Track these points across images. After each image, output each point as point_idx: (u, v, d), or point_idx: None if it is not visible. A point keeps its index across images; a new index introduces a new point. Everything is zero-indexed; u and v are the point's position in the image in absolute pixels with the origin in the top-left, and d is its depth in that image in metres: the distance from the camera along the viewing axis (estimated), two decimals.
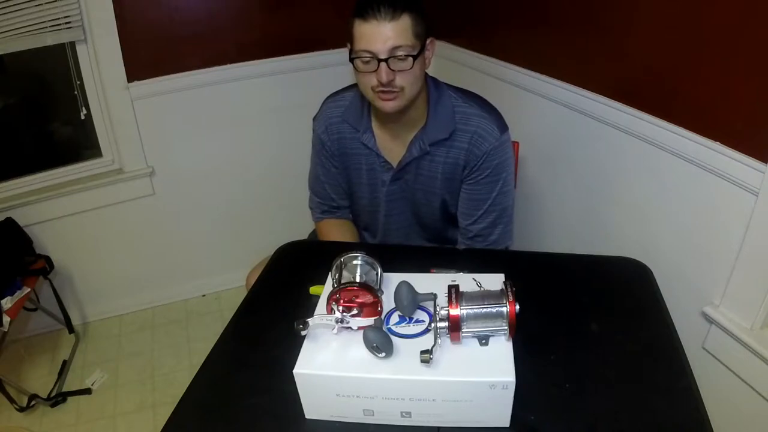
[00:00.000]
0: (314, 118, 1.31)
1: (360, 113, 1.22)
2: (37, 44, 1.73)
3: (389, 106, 1.09)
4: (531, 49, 1.61)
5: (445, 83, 1.21)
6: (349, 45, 1.10)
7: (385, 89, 1.06)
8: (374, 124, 1.22)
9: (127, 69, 1.86)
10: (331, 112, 1.27)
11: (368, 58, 1.04)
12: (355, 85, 1.25)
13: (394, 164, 1.22)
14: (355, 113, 1.23)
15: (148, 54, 1.88)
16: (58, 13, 1.72)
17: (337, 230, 1.36)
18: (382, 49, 1.03)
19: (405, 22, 1.03)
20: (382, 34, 1.02)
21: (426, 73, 1.15)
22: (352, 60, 1.08)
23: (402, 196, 1.27)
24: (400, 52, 1.03)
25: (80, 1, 1.73)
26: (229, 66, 1.98)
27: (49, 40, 1.74)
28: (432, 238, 1.38)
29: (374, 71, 1.05)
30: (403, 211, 1.30)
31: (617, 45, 1.31)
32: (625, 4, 1.26)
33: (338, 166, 1.30)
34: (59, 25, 1.74)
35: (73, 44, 1.81)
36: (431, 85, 1.18)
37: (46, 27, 1.72)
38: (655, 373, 0.84)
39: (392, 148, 1.22)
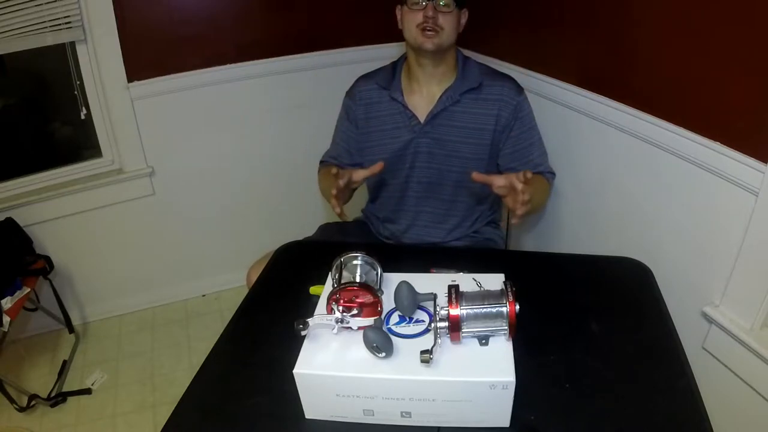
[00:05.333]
0: (347, 92, 1.47)
1: (391, 76, 1.39)
2: (37, 44, 1.73)
3: (430, 42, 1.25)
4: (531, 49, 1.61)
5: None
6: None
7: (428, 26, 1.24)
8: (404, 85, 1.38)
9: (127, 69, 1.86)
10: (361, 83, 1.44)
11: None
12: (383, 67, 1.45)
13: (422, 119, 1.35)
14: (387, 77, 1.40)
15: (148, 54, 1.88)
16: (58, 13, 1.72)
17: (328, 171, 1.46)
18: None
19: None
20: None
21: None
22: (402, 2, 1.28)
23: (428, 151, 1.37)
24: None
25: (80, 1, 1.73)
26: (229, 66, 1.98)
27: (49, 40, 1.74)
28: (445, 203, 1.43)
29: (422, 10, 1.24)
30: (427, 166, 1.39)
31: (617, 45, 1.31)
32: (626, 4, 1.26)
33: (356, 131, 1.44)
34: (59, 25, 1.74)
35: (73, 44, 1.81)
36: (459, 52, 1.37)
37: (46, 27, 1.72)
38: (655, 373, 0.84)
39: (420, 103, 1.36)
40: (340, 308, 0.79)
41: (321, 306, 0.84)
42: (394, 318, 0.82)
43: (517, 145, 1.36)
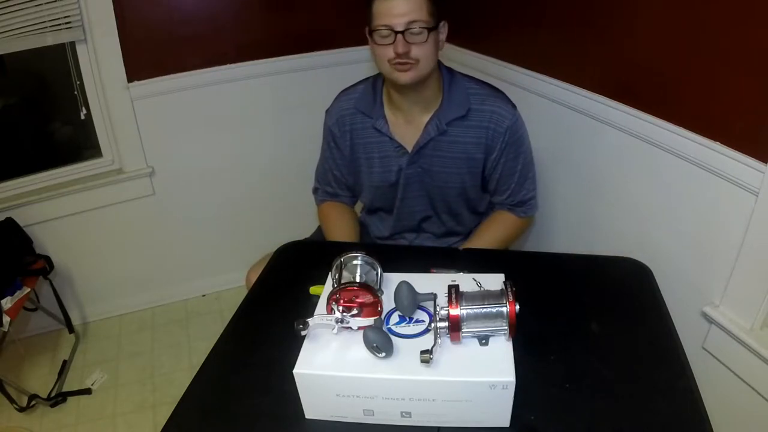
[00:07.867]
0: (327, 111, 1.37)
1: (372, 101, 1.29)
2: (37, 44, 1.73)
3: (405, 76, 1.15)
4: (531, 49, 1.61)
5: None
6: (367, 27, 1.17)
7: (401, 60, 1.13)
8: (387, 111, 1.28)
9: (127, 69, 1.86)
10: (343, 104, 1.33)
11: (386, 32, 1.12)
12: (365, 79, 1.33)
13: (409, 148, 1.27)
14: (368, 101, 1.29)
15: (148, 54, 1.88)
16: (58, 13, 1.72)
17: (335, 214, 1.43)
18: (398, 22, 1.10)
19: (420, 0, 1.11)
20: (399, 9, 1.10)
21: (439, 60, 1.23)
22: (371, 34, 1.16)
23: (419, 180, 1.31)
24: (415, 26, 1.11)
25: (80, 1, 1.73)
26: (229, 66, 1.98)
27: (50, 40, 1.74)
28: (444, 227, 1.41)
29: (391, 44, 1.12)
30: (419, 195, 1.34)
31: (617, 45, 1.31)
32: (625, 4, 1.26)
33: (343, 158, 1.36)
34: (59, 25, 1.74)
35: (73, 44, 1.81)
36: (444, 70, 1.26)
37: (46, 27, 1.72)
38: (655, 373, 0.84)
39: (406, 132, 1.27)
40: (340, 308, 0.79)
41: (321, 306, 0.84)
42: (394, 318, 0.82)
43: (501, 173, 1.30)
